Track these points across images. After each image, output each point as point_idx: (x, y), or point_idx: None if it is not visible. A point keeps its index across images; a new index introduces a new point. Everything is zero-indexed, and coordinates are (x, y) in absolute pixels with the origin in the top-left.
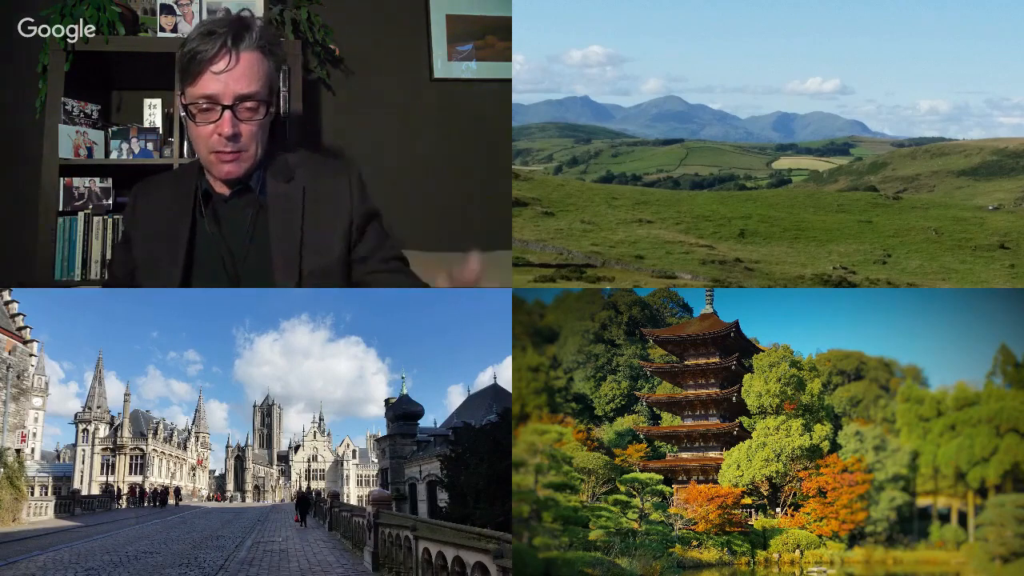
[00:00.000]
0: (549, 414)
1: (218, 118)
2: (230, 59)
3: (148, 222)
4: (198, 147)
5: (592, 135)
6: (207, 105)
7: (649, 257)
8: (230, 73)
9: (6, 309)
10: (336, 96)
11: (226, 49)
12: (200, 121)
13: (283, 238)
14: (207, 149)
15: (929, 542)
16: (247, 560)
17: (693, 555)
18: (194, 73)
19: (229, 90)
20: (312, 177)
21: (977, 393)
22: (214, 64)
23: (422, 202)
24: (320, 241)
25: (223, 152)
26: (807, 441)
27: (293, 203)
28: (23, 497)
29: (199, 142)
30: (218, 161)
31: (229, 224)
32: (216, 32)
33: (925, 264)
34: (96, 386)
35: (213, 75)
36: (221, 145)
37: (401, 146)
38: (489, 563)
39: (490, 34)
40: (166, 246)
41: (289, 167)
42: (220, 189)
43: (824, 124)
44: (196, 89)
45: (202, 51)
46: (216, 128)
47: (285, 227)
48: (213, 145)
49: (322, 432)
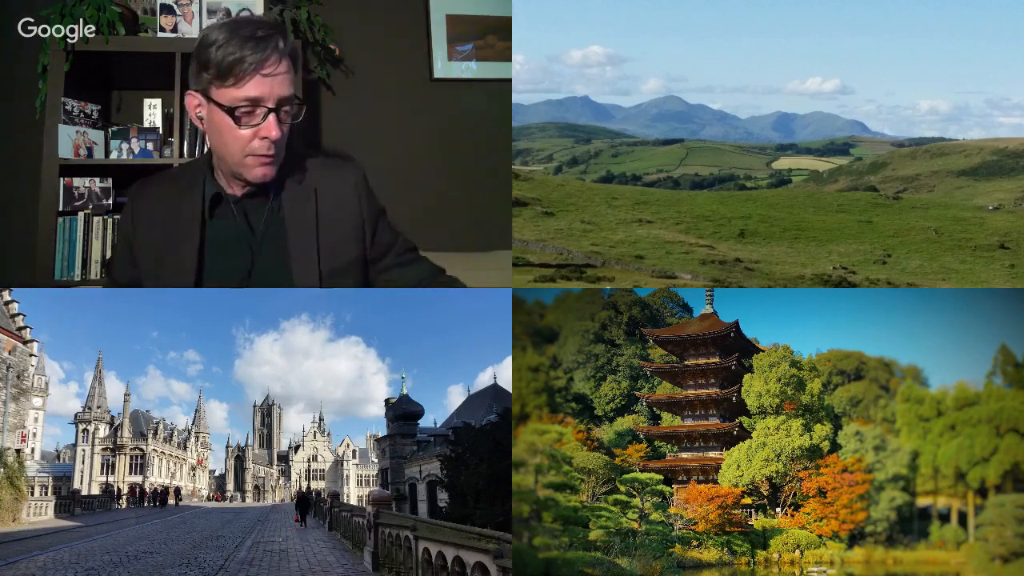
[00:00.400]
0: (549, 414)
1: (260, 121)
2: (279, 62)
3: (151, 223)
4: (230, 149)
5: (592, 135)
6: (248, 108)
7: (649, 257)
8: (276, 77)
9: (6, 309)
10: (336, 96)
11: (277, 53)
12: (244, 124)
13: (300, 239)
14: (242, 152)
15: (929, 542)
16: (247, 560)
17: (693, 555)
18: (238, 75)
19: (274, 93)
20: (322, 179)
21: (977, 393)
22: (264, 68)
23: (422, 202)
24: (335, 242)
25: (263, 155)
26: (807, 441)
27: (307, 204)
28: (23, 497)
29: (234, 144)
30: (255, 164)
31: (239, 223)
32: (260, 36)
33: (925, 264)
34: (96, 386)
35: (263, 78)
36: (264, 148)
37: (401, 146)
38: (489, 563)
39: (490, 34)
40: (176, 247)
41: (300, 169)
42: (232, 190)
43: (824, 124)
44: (240, 91)
45: (250, 54)
46: (258, 131)
47: (301, 228)
48: (254, 149)
49: (322, 432)
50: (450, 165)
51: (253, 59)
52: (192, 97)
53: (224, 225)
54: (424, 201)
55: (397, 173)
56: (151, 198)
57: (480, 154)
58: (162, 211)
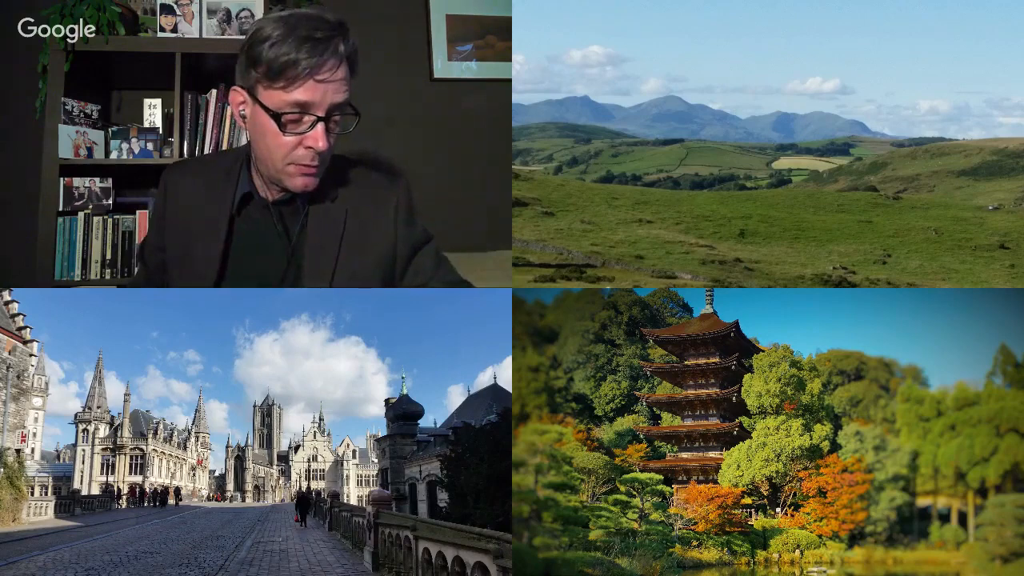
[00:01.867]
0: (549, 414)
1: (307, 129)
2: (336, 68)
3: (183, 214)
4: (272, 155)
5: (592, 135)
6: (296, 115)
7: (649, 257)
8: (330, 84)
9: (6, 309)
10: None
11: (336, 58)
12: (289, 131)
13: (319, 255)
14: (284, 159)
15: (929, 542)
16: (247, 560)
17: (693, 555)
18: (290, 78)
19: (326, 100)
20: (356, 196)
21: (977, 393)
22: (319, 73)
23: (422, 202)
24: (356, 266)
25: (306, 166)
26: (807, 441)
27: (335, 223)
28: (23, 497)
29: (277, 151)
30: (297, 173)
31: (264, 227)
32: (319, 38)
33: (925, 264)
34: (96, 386)
35: (316, 83)
36: (308, 159)
37: (401, 146)
38: (489, 563)
39: (490, 34)
40: (202, 242)
41: (336, 183)
42: (267, 193)
43: (824, 124)
44: (290, 96)
45: (305, 57)
46: (304, 140)
47: (323, 246)
48: (297, 157)
49: (322, 432)
50: (450, 165)
51: (308, 63)
52: (237, 93)
53: (254, 226)
54: (424, 201)
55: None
56: (184, 188)
57: (480, 154)
58: (194, 204)
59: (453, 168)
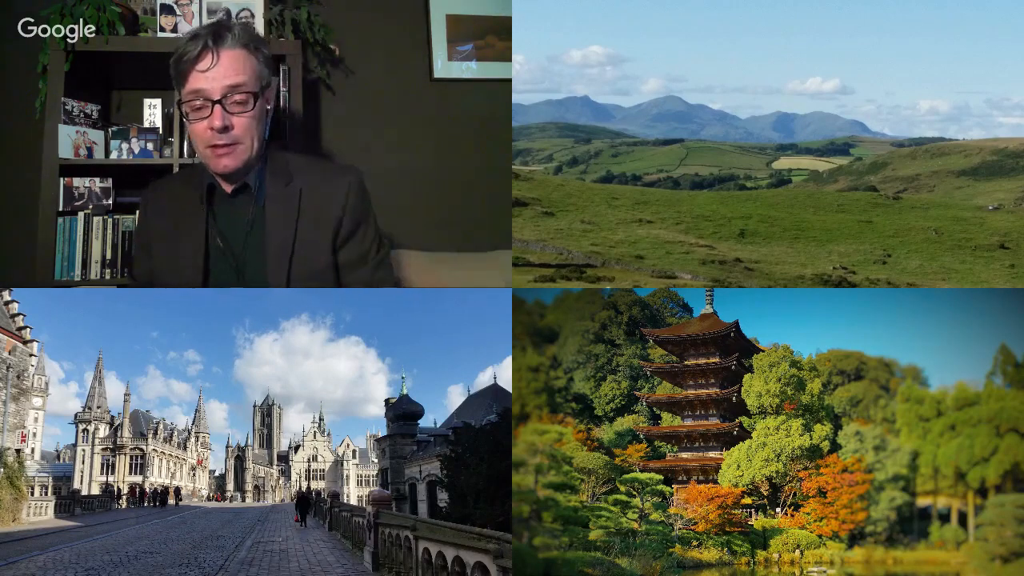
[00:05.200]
0: (549, 414)
1: (209, 113)
2: (213, 57)
3: (162, 223)
4: (197, 145)
5: (592, 135)
6: (199, 103)
7: (649, 257)
8: (215, 70)
9: (6, 309)
10: (336, 96)
11: (208, 49)
12: (194, 118)
13: (277, 240)
14: (203, 144)
15: (929, 542)
16: (247, 560)
17: (693, 555)
18: (183, 73)
19: (216, 85)
20: (310, 181)
21: (977, 393)
22: (199, 63)
23: (422, 202)
24: (311, 246)
25: (218, 146)
26: (807, 441)
27: (289, 206)
28: (23, 497)
29: (197, 139)
30: (214, 155)
31: (230, 221)
32: (199, 35)
33: (925, 264)
34: (96, 386)
35: (199, 73)
36: (215, 139)
37: (401, 146)
38: (489, 563)
39: (490, 34)
40: (184, 246)
41: (289, 169)
42: (224, 186)
43: (824, 124)
44: (186, 88)
45: (187, 52)
46: (208, 123)
47: (279, 229)
48: (208, 140)
49: (322, 432)
50: (450, 165)
51: (188, 57)
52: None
53: (211, 222)
54: (424, 201)
55: (397, 173)
56: (162, 200)
57: (480, 154)
58: (172, 212)
59: (453, 168)
